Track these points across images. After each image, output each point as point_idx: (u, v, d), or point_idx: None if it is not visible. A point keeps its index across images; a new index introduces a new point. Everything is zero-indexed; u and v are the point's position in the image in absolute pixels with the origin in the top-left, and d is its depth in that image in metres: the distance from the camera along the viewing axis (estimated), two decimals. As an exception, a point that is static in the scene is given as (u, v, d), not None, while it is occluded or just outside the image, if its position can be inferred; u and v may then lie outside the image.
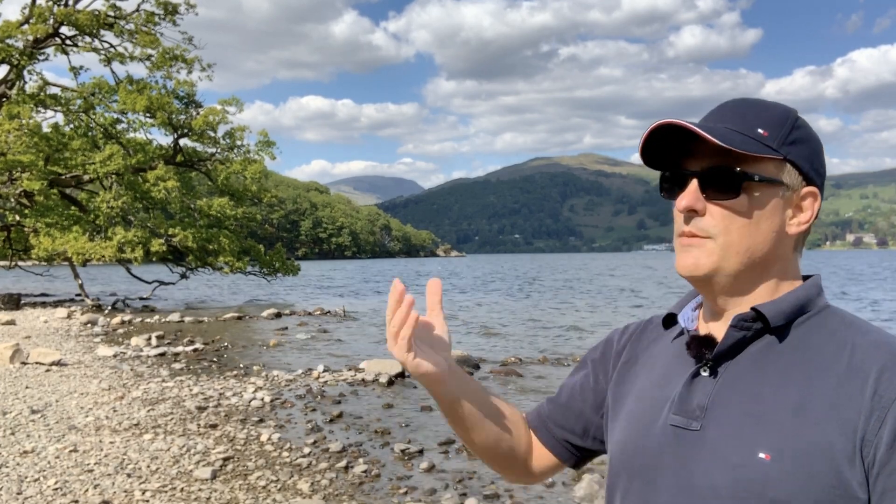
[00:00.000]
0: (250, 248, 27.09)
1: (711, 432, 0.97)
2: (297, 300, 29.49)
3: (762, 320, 1.00)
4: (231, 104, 26.00)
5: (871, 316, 20.16)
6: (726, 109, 1.03)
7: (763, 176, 0.99)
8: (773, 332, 1.00)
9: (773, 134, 0.99)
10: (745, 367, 1.00)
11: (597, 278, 52.58)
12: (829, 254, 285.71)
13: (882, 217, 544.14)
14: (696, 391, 1.01)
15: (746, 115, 1.01)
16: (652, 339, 1.18)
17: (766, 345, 1.00)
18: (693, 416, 1.00)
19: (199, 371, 11.23)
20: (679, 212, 1.02)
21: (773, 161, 1.00)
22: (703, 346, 1.03)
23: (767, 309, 0.99)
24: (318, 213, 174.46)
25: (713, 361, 1.02)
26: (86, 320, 18.44)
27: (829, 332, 1.00)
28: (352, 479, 5.79)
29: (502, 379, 10.77)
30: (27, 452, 6.12)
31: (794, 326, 1.01)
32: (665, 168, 1.07)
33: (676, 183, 1.04)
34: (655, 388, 1.09)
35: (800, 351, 0.99)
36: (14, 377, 9.87)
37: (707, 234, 1.00)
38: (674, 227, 1.06)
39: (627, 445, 1.08)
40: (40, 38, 24.16)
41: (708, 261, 1.00)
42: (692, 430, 0.99)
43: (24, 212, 23.74)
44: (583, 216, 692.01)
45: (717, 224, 0.99)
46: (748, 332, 1.00)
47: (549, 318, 21.13)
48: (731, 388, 0.99)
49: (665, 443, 1.01)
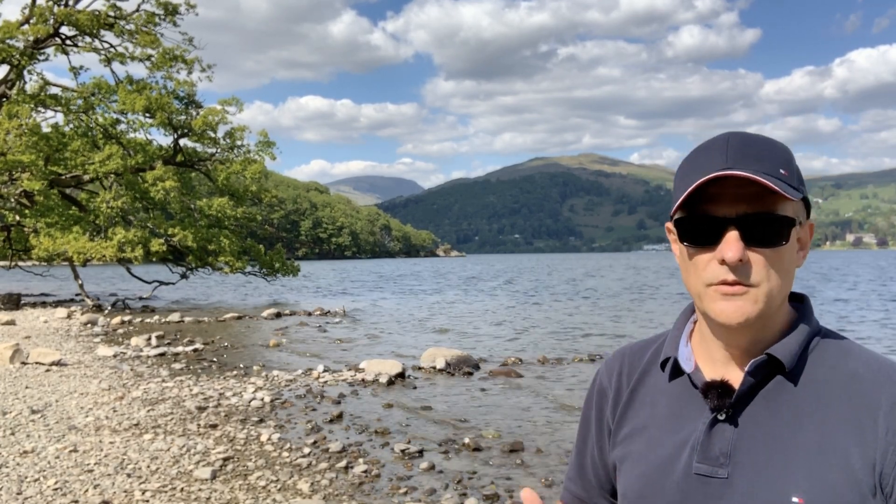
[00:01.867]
0: (250, 248, 27.11)
1: (739, 479, 0.98)
2: (298, 300, 29.50)
3: (776, 363, 1.01)
4: (231, 104, 26.02)
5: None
6: (737, 150, 0.98)
7: (799, 218, 1.00)
8: (783, 372, 1.02)
9: (790, 173, 0.99)
10: (760, 409, 1.01)
11: (579, 279, 52.57)
12: (826, 253, 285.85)
13: (882, 217, 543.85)
14: (716, 438, 1.01)
15: (763, 155, 0.98)
16: (640, 376, 1.16)
17: (776, 385, 1.01)
18: (718, 463, 1.00)
19: (199, 371, 11.23)
20: (727, 263, 0.97)
21: (797, 202, 1.00)
22: (723, 395, 1.02)
23: (781, 354, 1.00)
24: (318, 213, 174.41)
25: (731, 408, 1.02)
26: (86, 320, 18.44)
27: (831, 363, 1.02)
28: (352, 479, 5.79)
29: (502, 379, 10.77)
30: (27, 452, 6.12)
31: (803, 361, 1.02)
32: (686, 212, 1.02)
33: (704, 230, 0.99)
34: (666, 433, 1.07)
35: (809, 387, 1.00)
36: (14, 377, 9.87)
37: (751, 284, 0.97)
38: (697, 273, 1.01)
39: (646, 494, 1.06)
40: (40, 39, 24.17)
41: (754, 309, 0.97)
42: (719, 478, 0.99)
43: (24, 212, 23.74)
44: (583, 216, 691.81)
45: (759, 272, 0.97)
46: (762, 376, 1.02)
47: (549, 319, 21.13)
48: (751, 433, 1.00)
49: (689, 491, 1.01)
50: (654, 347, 1.18)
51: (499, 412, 8.48)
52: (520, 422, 7.98)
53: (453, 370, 11.23)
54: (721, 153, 0.98)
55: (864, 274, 54.48)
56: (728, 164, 0.97)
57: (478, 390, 9.88)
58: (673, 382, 1.10)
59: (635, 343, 1.23)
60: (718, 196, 0.98)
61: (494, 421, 8.01)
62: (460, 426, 7.75)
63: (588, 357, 12.76)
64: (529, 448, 6.78)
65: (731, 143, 0.99)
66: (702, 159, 1.00)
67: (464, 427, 7.70)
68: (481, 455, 6.58)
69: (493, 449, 6.78)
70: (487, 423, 7.86)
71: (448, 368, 11.25)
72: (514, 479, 5.88)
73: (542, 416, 8.24)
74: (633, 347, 1.22)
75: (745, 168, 0.96)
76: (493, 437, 7.19)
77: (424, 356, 11.87)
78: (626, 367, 1.19)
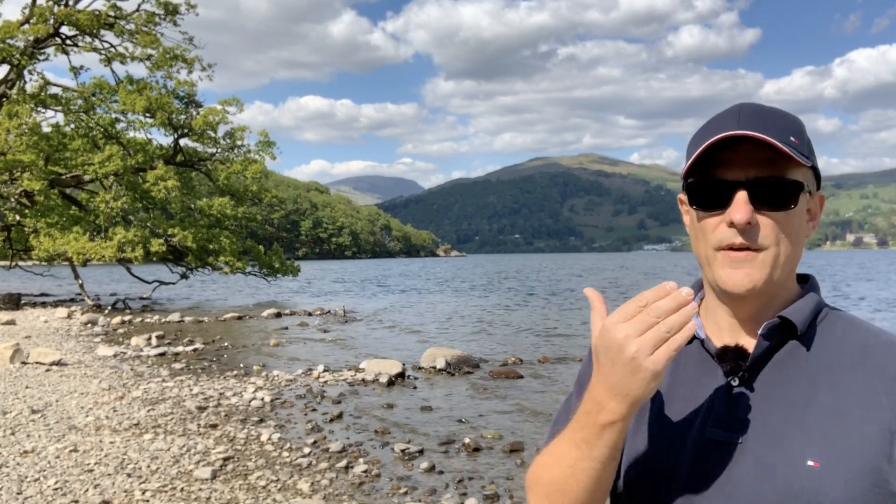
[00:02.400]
0: (250, 248, 27.11)
1: (753, 443, 0.98)
2: (298, 300, 29.50)
3: (789, 327, 1.01)
4: (231, 104, 26.02)
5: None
6: (748, 117, 0.99)
7: (808, 185, 1.01)
8: (796, 337, 1.02)
9: (801, 142, 1.00)
10: (774, 374, 1.01)
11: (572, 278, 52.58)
12: (824, 254, 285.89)
13: (882, 217, 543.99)
14: (730, 402, 1.01)
15: (773, 123, 0.99)
16: None
17: (790, 350, 1.02)
18: (732, 428, 1.00)
19: (199, 371, 11.23)
20: (735, 225, 0.97)
21: (806, 169, 1.01)
22: (738, 358, 1.02)
23: (794, 316, 1.01)
24: (319, 213, 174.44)
25: (746, 373, 1.02)
26: (86, 320, 18.44)
27: (840, 333, 1.02)
28: (352, 479, 5.79)
29: (502, 379, 10.77)
30: (27, 452, 6.12)
31: (814, 328, 1.03)
32: (697, 177, 1.03)
33: (714, 193, 1.00)
34: (678, 399, 1.07)
35: (820, 354, 1.01)
36: (14, 377, 9.88)
37: (759, 247, 0.98)
38: (706, 237, 1.02)
39: (660, 459, 1.05)
40: (40, 38, 24.17)
41: (761, 275, 0.98)
42: (734, 443, 0.99)
43: (24, 212, 23.74)
44: (583, 216, 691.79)
45: (768, 236, 0.98)
46: (775, 341, 1.02)
47: (549, 318, 21.13)
48: (765, 398, 1.00)
49: (704, 456, 1.00)
50: None
51: (499, 412, 8.49)
52: (520, 422, 7.99)
53: (453, 370, 11.23)
54: (733, 119, 0.99)
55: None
56: (740, 128, 0.98)
57: (478, 390, 9.88)
58: (683, 349, 1.09)
59: None
60: (729, 161, 0.99)
61: (494, 421, 8.01)
62: (460, 426, 7.75)
63: (588, 357, 12.75)
64: (530, 448, 6.78)
65: (744, 111, 1.00)
66: (713, 126, 1.01)
67: (464, 427, 7.70)
68: (481, 455, 6.58)
69: (494, 449, 6.78)
70: (487, 423, 7.86)
71: (448, 368, 11.25)
72: (514, 479, 5.88)
73: (542, 416, 8.24)
74: None
75: (757, 131, 0.97)
76: (493, 438, 7.19)
77: (424, 356, 11.87)
78: None
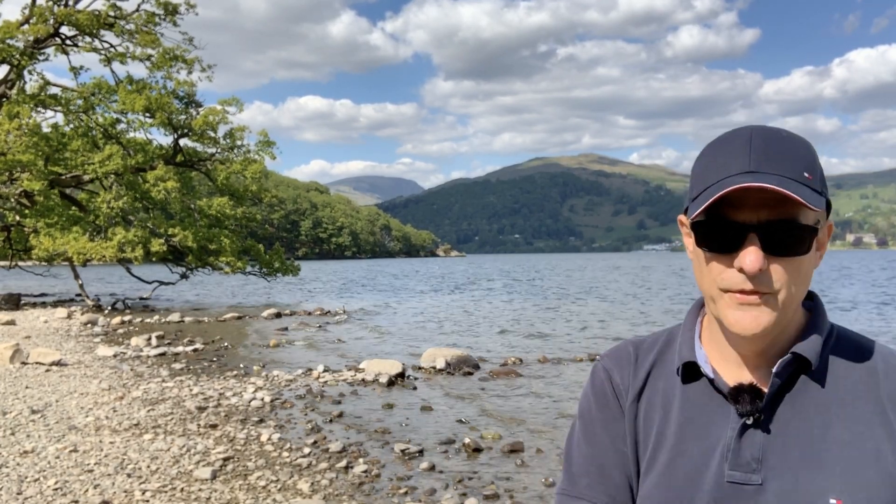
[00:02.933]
0: (250, 247, 27.11)
1: (773, 484, 0.95)
2: (298, 300, 29.50)
3: (801, 362, 0.99)
4: (231, 104, 26.01)
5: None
6: (760, 152, 0.94)
7: (822, 220, 0.97)
8: (807, 371, 1.00)
9: (814, 176, 0.95)
10: (788, 411, 0.99)
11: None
12: (827, 254, 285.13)
13: (882, 217, 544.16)
14: (746, 443, 0.99)
15: (786, 157, 0.94)
16: (648, 373, 1.11)
17: (801, 385, 1.00)
18: (751, 469, 0.97)
19: (199, 371, 11.23)
20: (748, 273, 0.93)
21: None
22: (755, 399, 0.99)
23: (807, 352, 0.98)
24: (319, 214, 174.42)
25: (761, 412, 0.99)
26: (86, 320, 18.44)
27: (849, 359, 1.00)
28: (352, 479, 5.79)
29: (502, 379, 10.77)
30: (27, 452, 6.11)
31: (825, 360, 1.01)
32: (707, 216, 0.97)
33: (724, 236, 0.95)
34: (689, 440, 1.03)
35: (832, 385, 0.99)
36: (14, 377, 9.87)
37: (769, 292, 0.94)
38: (712, 277, 0.97)
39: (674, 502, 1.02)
40: (40, 38, 24.16)
41: (770, 318, 0.95)
42: (753, 485, 0.96)
43: (24, 212, 23.74)
44: (583, 216, 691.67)
45: (778, 280, 0.94)
46: (787, 377, 1.00)
47: (549, 319, 21.13)
48: (781, 436, 0.98)
49: (724, 501, 0.98)
50: (661, 344, 1.13)
51: (499, 412, 8.48)
52: (520, 422, 7.98)
53: (453, 370, 11.23)
54: (744, 153, 0.94)
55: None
56: (752, 167, 0.92)
57: (478, 390, 9.88)
58: (688, 386, 1.06)
59: (639, 339, 1.18)
60: (740, 200, 0.93)
61: (494, 421, 8.01)
62: (460, 426, 7.75)
63: (588, 357, 12.76)
64: (529, 448, 6.78)
65: (755, 144, 0.94)
66: (723, 158, 0.96)
67: (464, 427, 7.70)
68: (481, 455, 6.58)
69: (494, 449, 6.78)
70: (487, 424, 7.86)
71: (448, 368, 11.25)
72: (514, 479, 5.88)
73: (542, 417, 8.24)
74: (642, 342, 1.16)
75: (770, 171, 0.92)
76: (493, 438, 7.19)
77: (424, 356, 11.86)
78: (633, 365, 1.13)
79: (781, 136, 0.97)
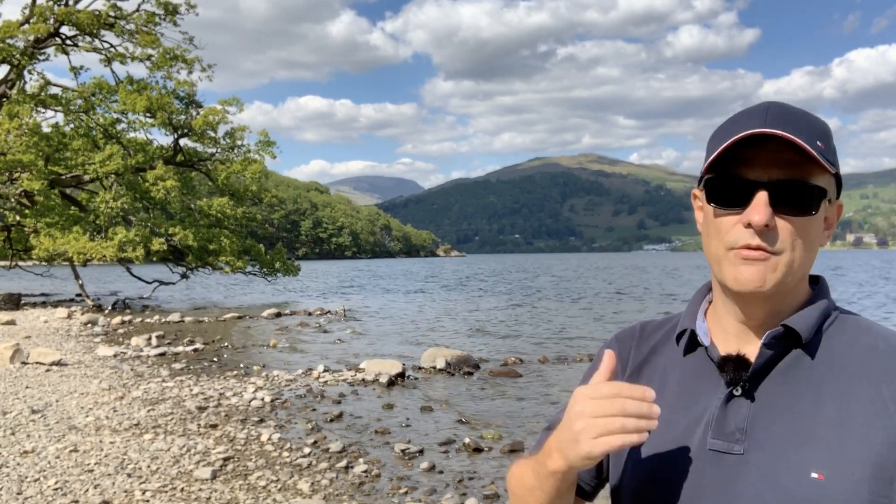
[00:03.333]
0: (250, 247, 27.11)
1: (756, 455, 0.95)
2: (298, 300, 29.49)
3: (793, 336, 0.99)
4: (231, 104, 26.02)
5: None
6: (776, 116, 0.96)
7: (830, 192, 0.98)
8: (801, 345, 1.00)
9: (827, 147, 0.97)
10: (778, 383, 0.99)
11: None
12: (825, 254, 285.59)
13: (882, 217, 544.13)
14: (731, 413, 0.99)
15: (801, 124, 0.96)
16: (652, 349, 1.14)
17: (794, 358, 0.99)
18: (734, 439, 0.97)
19: (200, 371, 11.23)
20: (753, 227, 0.95)
21: (830, 176, 0.98)
22: (739, 368, 0.99)
23: (798, 325, 0.98)
24: (319, 213, 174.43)
25: (748, 382, 0.99)
26: (86, 320, 18.44)
27: (849, 338, 1.00)
28: (352, 479, 5.79)
29: (502, 379, 10.77)
30: (27, 452, 6.12)
31: (819, 335, 1.00)
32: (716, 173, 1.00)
33: (734, 192, 0.97)
34: (679, 408, 1.04)
35: (827, 362, 0.98)
36: (14, 377, 9.87)
37: (774, 251, 0.95)
38: (720, 236, 0.99)
39: (658, 470, 1.03)
40: (41, 38, 24.17)
41: (773, 277, 0.95)
42: (734, 454, 0.97)
43: (24, 212, 23.75)
44: (583, 216, 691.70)
45: (785, 240, 0.95)
46: (779, 349, 0.99)
47: (549, 319, 21.13)
48: (768, 408, 0.97)
49: (704, 467, 0.98)
50: (670, 325, 1.15)
51: (499, 412, 8.49)
52: (520, 422, 7.98)
53: (453, 370, 11.23)
54: (760, 117, 0.96)
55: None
56: (767, 125, 0.94)
57: (478, 390, 9.88)
58: (688, 357, 1.08)
59: (652, 319, 1.20)
60: (752, 159, 0.96)
61: (494, 421, 8.01)
62: (460, 426, 7.75)
63: (588, 357, 12.75)
64: (529, 448, 6.77)
65: (772, 109, 0.97)
66: (739, 122, 0.98)
67: (464, 427, 7.70)
68: (481, 455, 6.58)
69: (494, 449, 6.78)
70: (487, 424, 7.86)
71: (448, 368, 11.25)
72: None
73: (542, 417, 8.24)
74: (650, 322, 1.19)
75: (785, 129, 0.94)
76: (493, 438, 7.19)
77: (424, 356, 11.87)
78: (636, 339, 1.16)
79: (798, 109, 1.00)
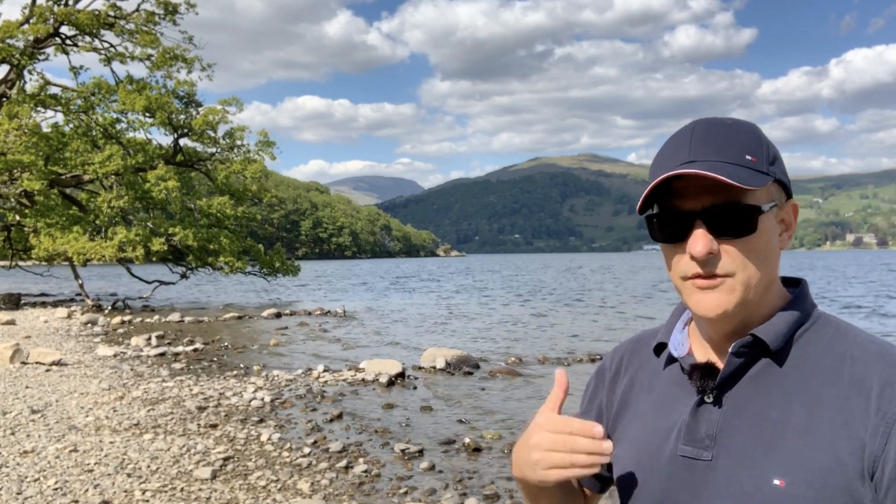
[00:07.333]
0: (250, 247, 27.11)
1: (723, 461, 0.97)
2: (298, 300, 29.49)
3: (762, 345, 0.99)
4: (231, 104, 26.02)
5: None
6: (700, 141, 0.98)
7: (768, 204, 0.99)
8: (770, 354, 1.00)
9: (759, 158, 0.98)
10: (748, 391, 0.99)
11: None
12: (824, 254, 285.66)
13: (882, 217, 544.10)
14: (702, 420, 1.01)
15: (725, 143, 0.97)
16: (644, 360, 1.17)
17: (765, 365, 1.00)
18: (702, 445, 0.99)
19: (199, 371, 11.23)
20: (696, 258, 0.97)
21: (769, 185, 0.99)
22: (706, 376, 1.02)
23: (765, 334, 0.99)
24: (319, 213, 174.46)
25: (717, 390, 1.01)
26: (86, 320, 18.44)
27: (825, 344, 1.00)
28: (352, 479, 5.79)
29: (502, 379, 10.77)
30: (27, 452, 6.12)
31: (791, 342, 1.01)
32: (655, 209, 1.03)
33: (672, 226, 1.00)
34: (658, 416, 1.08)
35: (799, 368, 0.98)
36: (14, 377, 9.87)
37: (726, 273, 0.97)
38: (672, 268, 1.02)
39: (635, 475, 1.07)
40: (40, 38, 24.17)
41: (733, 298, 0.97)
42: (703, 461, 0.98)
43: (24, 212, 23.74)
44: (583, 216, 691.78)
45: (731, 262, 0.96)
46: (748, 358, 1.00)
47: (548, 319, 21.13)
48: (736, 415, 0.98)
49: (675, 473, 1.01)
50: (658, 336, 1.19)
51: (499, 412, 8.49)
52: (520, 422, 7.98)
53: (453, 370, 11.23)
54: (685, 145, 0.99)
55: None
56: (691, 157, 0.97)
57: (478, 390, 9.88)
58: (668, 368, 1.11)
59: (647, 331, 1.23)
60: (684, 190, 0.98)
61: (494, 421, 8.01)
62: (460, 426, 7.75)
63: (588, 357, 12.75)
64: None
65: (696, 134, 0.99)
66: (668, 152, 1.01)
67: (464, 427, 7.70)
68: (481, 455, 6.58)
69: (494, 449, 6.78)
70: (487, 424, 7.86)
71: (448, 368, 11.25)
72: (513, 479, 5.87)
73: (542, 416, 8.23)
74: (643, 334, 1.22)
75: (705, 158, 0.96)
76: (493, 438, 7.19)
77: (424, 356, 11.87)
78: (630, 352, 1.20)
79: (725, 123, 1.01)
